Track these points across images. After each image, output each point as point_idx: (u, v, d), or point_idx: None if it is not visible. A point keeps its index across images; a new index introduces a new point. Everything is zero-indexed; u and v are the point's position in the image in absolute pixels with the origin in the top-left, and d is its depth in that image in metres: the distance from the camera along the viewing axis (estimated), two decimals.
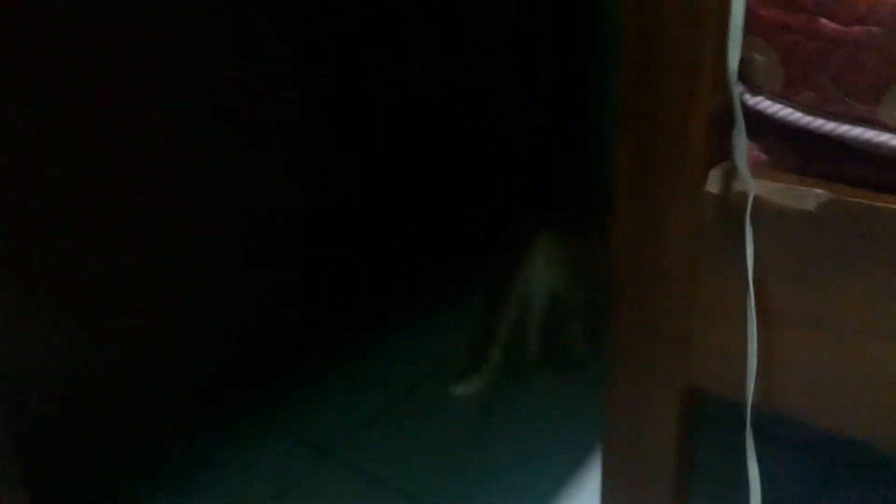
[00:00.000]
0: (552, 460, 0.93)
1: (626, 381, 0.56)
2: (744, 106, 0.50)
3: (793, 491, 0.86)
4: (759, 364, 0.50)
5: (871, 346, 0.47)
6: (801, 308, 0.49)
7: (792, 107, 0.49)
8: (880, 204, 0.45)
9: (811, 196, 0.47)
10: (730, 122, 0.48)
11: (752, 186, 0.48)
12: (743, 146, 0.48)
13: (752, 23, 0.48)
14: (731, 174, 0.50)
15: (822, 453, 0.91)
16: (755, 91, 0.50)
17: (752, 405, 0.50)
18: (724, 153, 0.50)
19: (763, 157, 0.51)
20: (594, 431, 0.69)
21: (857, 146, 0.47)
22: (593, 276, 1.02)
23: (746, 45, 0.48)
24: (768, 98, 0.49)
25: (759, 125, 0.50)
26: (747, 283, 0.49)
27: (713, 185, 0.50)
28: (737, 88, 0.47)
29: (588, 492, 0.88)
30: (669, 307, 0.53)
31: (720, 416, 0.58)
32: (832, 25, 0.45)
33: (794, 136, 0.50)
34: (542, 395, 1.04)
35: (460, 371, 1.01)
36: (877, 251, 0.46)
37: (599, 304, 1.01)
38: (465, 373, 1.00)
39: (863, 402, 0.48)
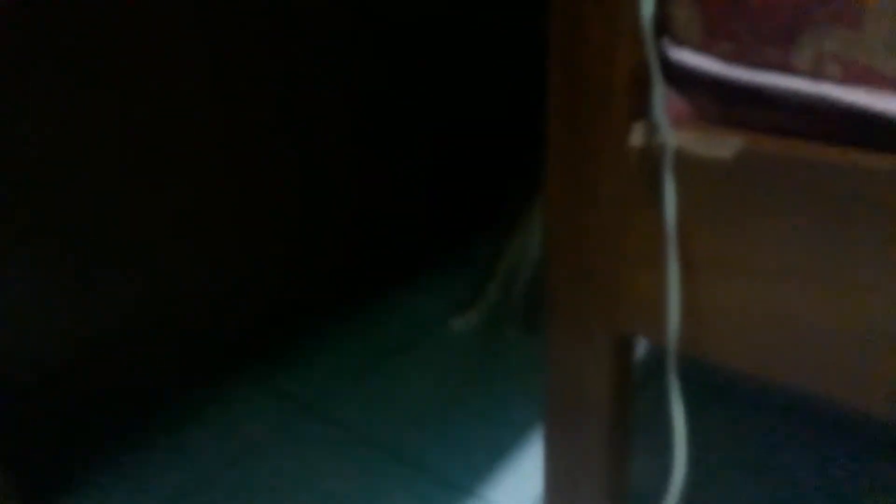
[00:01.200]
0: (515, 416, 0.96)
1: (562, 330, 0.58)
2: (668, 59, 0.51)
3: (744, 449, 0.89)
4: (683, 310, 0.52)
5: (788, 290, 0.48)
6: (722, 254, 0.50)
7: (712, 58, 0.50)
8: (793, 151, 0.46)
9: (727, 144, 0.48)
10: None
11: (671, 137, 0.49)
12: (660, 98, 0.49)
13: None
14: (652, 126, 0.51)
15: (773, 411, 0.93)
16: (678, 44, 0.51)
17: (677, 351, 0.52)
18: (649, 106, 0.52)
19: (688, 108, 0.52)
20: None
21: (773, 94, 0.48)
22: None
23: None
24: (690, 50, 0.50)
25: (684, 77, 0.51)
26: (667, 232, 0.50)
27: (636, 137, 0.51)
28: (652, 41, 0.48)
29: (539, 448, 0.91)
30: (599, 257, 0.54)
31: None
32: None
33: (715, 87, 0.50)
34: (517, 354, 1.06)
35: (460, 306, 1.06)
36: (791, 197, 0.47)
37: None
38: (463, 307, 1.05)
39: (782, 344, 0.49)
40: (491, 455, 0.89)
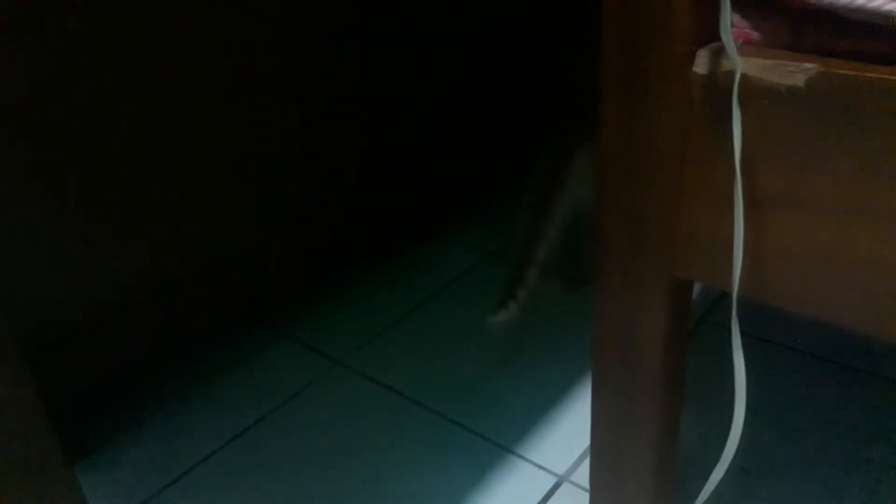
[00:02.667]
0: (553, 372, 0.93)
1: (613, 277, 0.55)
2: None
3: (782, 391, 0.86)
4: (745, 251, 0.48)
5: (861, 227, 0.45)
6: (790, 191, 0.46)
7: None
8: (870, 74, 0.42)
9: (800, 71, 0.44)
10: None
11: (740, 64, 0.45)
12: (728, 21, 0.45)
13: None
14: (718, 53, 0.47)
15: (810, 355, 0.90)
16: None
17: (739, 295, 0.49)
18: (714, 32, 0.48)
19: (754, 35, 0.48)
20: None
21: (849, 15, 0.44)
22: None
23: None
24: None
25: (750, 1, 0.48)
26: (734, 166, 0.46)
27: (700, 64, 0.48)
28: None
29: (584, 398, 0.88)
30: (657, 195, 0.51)
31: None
32: None
33: (785, 9, 0.47)
34: (556, 310, 1.03)
35: (498, 299, 0.96)
36: (867, 125, 0.43)
37: None
38: (502, 300, 0.96)
39: (853, 287, 0.46)
40: (530, 412, 0.87)
